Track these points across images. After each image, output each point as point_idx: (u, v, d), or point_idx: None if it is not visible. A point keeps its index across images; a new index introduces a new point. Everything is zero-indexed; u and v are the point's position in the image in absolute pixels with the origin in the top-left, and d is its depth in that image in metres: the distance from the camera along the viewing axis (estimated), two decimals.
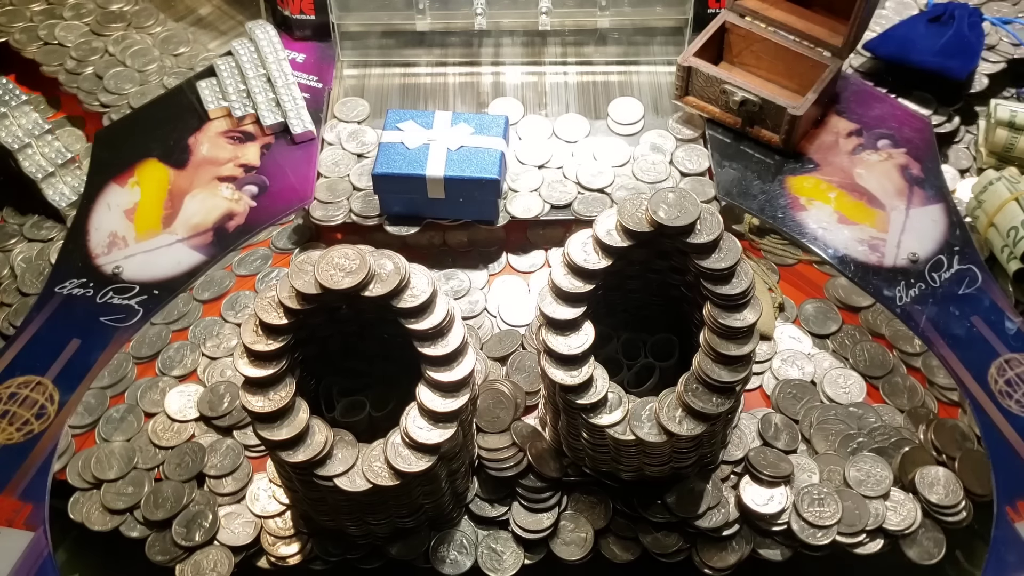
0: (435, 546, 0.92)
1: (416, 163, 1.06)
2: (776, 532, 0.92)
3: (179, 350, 1.05)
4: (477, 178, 1.06)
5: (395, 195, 1.08)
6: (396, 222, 1.09)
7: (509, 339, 1.04)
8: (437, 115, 1.10)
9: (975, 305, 1.00)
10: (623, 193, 1.12)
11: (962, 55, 1.18)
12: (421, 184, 1.06)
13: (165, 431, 0.98)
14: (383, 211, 1.10)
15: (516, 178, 1.13)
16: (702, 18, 1.22)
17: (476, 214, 1.09)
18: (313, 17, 1.25)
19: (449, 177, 1.05)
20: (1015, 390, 0.94)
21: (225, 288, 1.10)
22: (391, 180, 1.06)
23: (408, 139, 1.08)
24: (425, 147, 1.07)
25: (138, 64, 1.27)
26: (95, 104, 1.23)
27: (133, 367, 1.04)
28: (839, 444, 0.97)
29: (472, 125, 1.10)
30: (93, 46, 1.29)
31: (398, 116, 1.11)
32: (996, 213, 1.04)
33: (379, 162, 1.06)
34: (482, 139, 1.08)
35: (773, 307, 1.06)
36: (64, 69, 1.27)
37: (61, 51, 1.29)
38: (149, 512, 0.93)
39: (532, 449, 0.94)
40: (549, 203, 1.11)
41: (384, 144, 1.08)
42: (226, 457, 0.96)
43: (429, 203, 1.07)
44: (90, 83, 1.25)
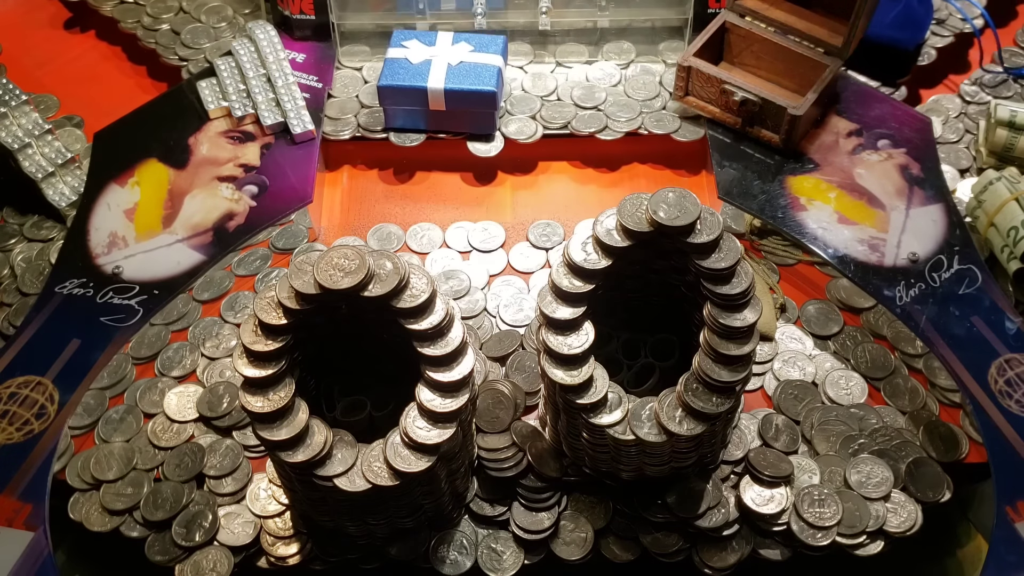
0: (435, 546, 0.92)
1: (419, 76, 1.15)
2: (776, 532, 0.92)
3: (178, 351, 1.05)
4: (476, 90, 1.14)
5: (399, 107, 1.16)
6: (400, 134, 1.18)
7: (509, 339, 1.04)
8: (440, 34, 1.20)
9: (975, 305, 1.00)
10: (614, 109, 1.21)
11: (911, 27, 1.21)
12: (423, 95, 1.14)
13: (164, 432, 0.98)
14: (387, 123, 1.18)
15: (516, 103, 1.22)
16: (702, 18, 1.22)
17: (474, 127, 1.17)
18: (313, 17, 1.25)
19: (449, 89, 1.14)
20: (1015, 390, 0.94)
21: (225, 288, 1.10)
22: (395, 92, 1.15)
23: (412, 55, 1.16)
24: (427, 62, 1.16)
25: (212, 20, 1.33)
26: (173, 58, 1.29)
27: (132, 368, 1.04)
28: (840, 445, 0.97)
29: (472, 43, 1.19)
30: (168, 4, 1.35)
31: (403, 35, 1.20)
32: (996, 213, 1.04)
33: (384, 75, 1.15)
34: (481, 56, 1.18)
35: (774, 308, 1.06)
36: (141, 25, 1.32)
37: (137, 9, 1.34)
38: (149, 512, 0.93)
39: (532, 449, 0.94)
40: (548, 124, 1.19)
41: (389, 59, 1.17)
42: (226, 457, 0.96)
43: (430, 116, 1.16)
44: (167, 38, 1.30)
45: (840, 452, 0.96)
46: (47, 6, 1.40)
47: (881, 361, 1.03)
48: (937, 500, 0.93)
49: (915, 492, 0.94)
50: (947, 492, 0.94)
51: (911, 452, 0.96)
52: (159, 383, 1.02)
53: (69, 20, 1.39)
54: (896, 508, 0.93)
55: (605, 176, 1.23)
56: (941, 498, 0.93)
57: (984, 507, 0.93)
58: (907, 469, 0.95)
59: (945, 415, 0.99)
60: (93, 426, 0.99)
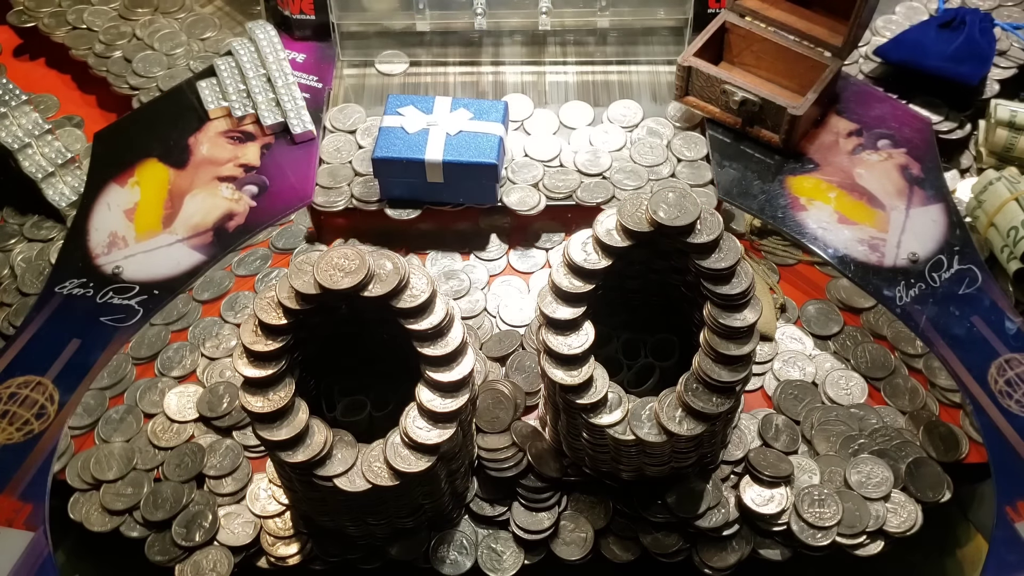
0: (435, 546, 0.92)
1: (415, 147, 1.08)
2: (776, 532, 0.92)
3: (178, 351, 1.05)
4: (476, 163, 1.07)
5: (395, 179, 1.10)
6: (396, 206, 1.11)
7: (509, 339, 1.04)
8: (437, 100, 1.12)
9: (975, 305, 1.00)
10: (621, 176, 1.14)
11: (973, 60, 1.18)
12: (420, 168, 1.08)
13: (164, 432, 0.98)
14: (383, 195, 1.11)
15: (517, 170, 1.15)
16: (702, 18, 1.22)
17: (474, 199, 1.11)
18: (313, 17, 1.25)
19: (448, 161, 1.07)
20: (1015, 390, 0.94)
21: (225, 288, 1.10)
22: (391, 164, 1.08)
23: (408, 124, 1.10)
24: (425, 132, 1.09)
25: (166, 48, 1.30)
26: (124, 87, 1.26)
27: (132, 368, 1.04)
28: (840, 445, 0.97)
29: (471, 110, 1.12)
30: (121, 30, 1.32)
31: (398, 101, 1.13)
32: (996, 213, 1.04)
33: (379, 146, 1.08)
34: (481, 124, 1.10)
35: (775, 308, 1.06)
36: (93, 53, 1.29)
37: (90, 35, 1.31)
38: (149, 513, 0.93)
39: (532, 449, 0.94)
40: (551, 193, 1.13)
41: (384, 128, 1.10)
42: (226, 457, 0.96)
43: (428, 187, 1.09)
44: (119, 66, 1.28)
45: (840, 452, 0.96)
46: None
47: (881, 361, 1.03)
48: (937, 500, 0.93)
49: (915, 492, 0.94)
50: (947, 492, 0.94)
51: (911, 452, 0.96)
52: (159, 383, 1.02)
53: (18, 47, 1.36)
54: (896, 508, 0.93)
55: None
56: (941, 498, 0.93)
57: (984, 507, 0.93)
58: (907, 469, 0.95)
59: (945, 415, 0.99)
60: (93, 426, 0.99)
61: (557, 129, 1.20)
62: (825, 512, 0.91)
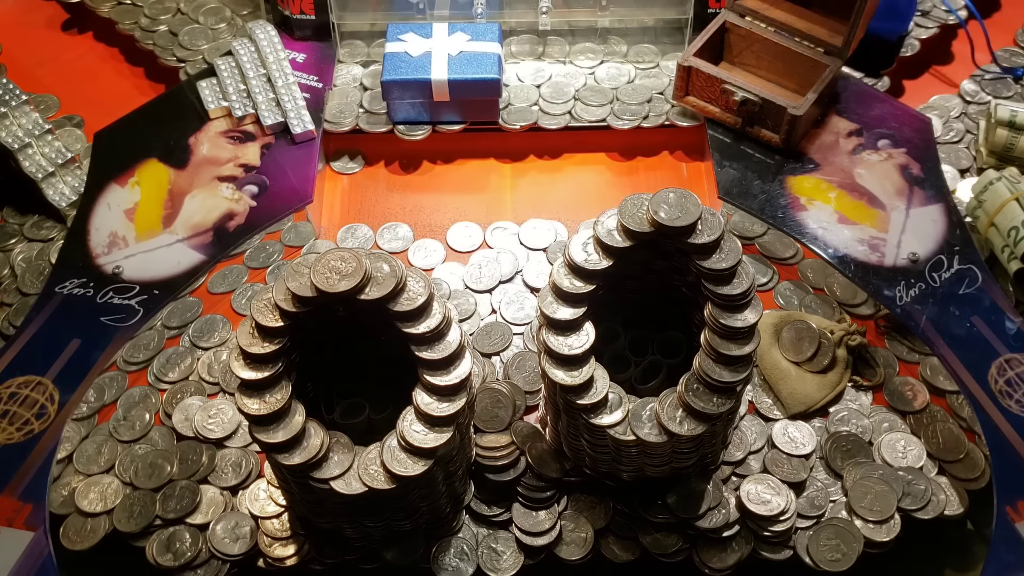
0: (436, 553, 0.91)
1: (421, 68, 1.16)
2: (776, 533, 0.92)
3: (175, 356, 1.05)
4: (479, 79, 1.15)
5: (403, 101, 1.17)
6: (407, 127, 1.19)
7: (497, 331, 1.04)
8: (435, 26, 1.21)
9: (975, 305, 1.00)
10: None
11: (894, 18, 1.21)
12: (427, 88, 1.15)
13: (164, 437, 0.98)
14: (391, 118, 1.19)
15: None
16: (702, 18, 1.22)
17: (478, 115, 1.18)
18: (313, 17, 1.25)
19: (453, 79, 1.15)
20: (1015, 390, 0.94)
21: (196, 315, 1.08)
22: (399, 86, 1.15)
23: (411, 48, 1.17)
24: (428, 54, 1.17)
25: (210, 21, 1.33)
26: (171, 59, 1.29)
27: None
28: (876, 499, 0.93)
29: (468, 32, 1.20)
30: (166, 5, 1.35)
31: (399, 29, 1.21)
32: (996, 213, 1.04)
33: (386, 69, 1.16)
34: (479, 44, 1.19)
35: (841, 361, 1.00)
36: (139, 27, 1.31)
37: (135, 10, 1.34)
38: (149, 513, 0.93)
39: (532, 450, 0.94)
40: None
41: (389, 54, 1.18)
42: (226, 459, 0.96)
43: (434, 107, 1.17)
44: (165, 40, 1.30)
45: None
46: (45, 7, 1.40)
47: (954, 443, 0.97)
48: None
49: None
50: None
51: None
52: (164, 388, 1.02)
53: (67, 21, 1.39)
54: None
55: (608, 170, 1.23)
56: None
57: (984, 507, 0.93)
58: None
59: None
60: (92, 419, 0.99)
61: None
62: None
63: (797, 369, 1.00)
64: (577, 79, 1.25)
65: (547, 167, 1.23)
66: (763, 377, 1.01)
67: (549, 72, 1.25)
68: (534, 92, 1.23)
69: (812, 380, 0.99)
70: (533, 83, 1.24)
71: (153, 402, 1.01)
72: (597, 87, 1.24)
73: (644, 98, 1.22)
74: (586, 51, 1.28)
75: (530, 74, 1.26)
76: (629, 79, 1.24)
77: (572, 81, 1.24)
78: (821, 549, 0.91)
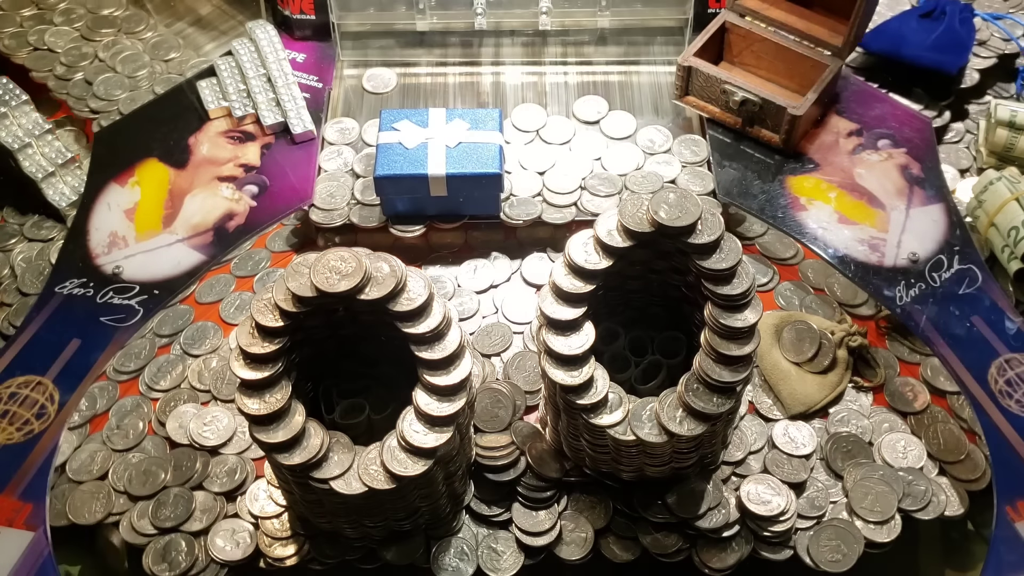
0: (436, 554, 0.91)
1: (417, 163, 1.06)
2: (776, 533, 0.92)
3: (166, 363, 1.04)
4: (479, 174, 1.06)
5: (397, 196, 1.08)
6: (399, 222, 1.09)
7: (498, 332, 1.04)
8: (431, 112, 1.10)
9: (975, 305, 1.00)
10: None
11: (953, 50, 1.20)
12: (423, 183, 1.06)
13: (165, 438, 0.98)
14: (385, 212, 1.10)
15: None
16: (702, 18, 1.22)
17: (478, 209, 1.09)
18: (313, 17, 1.25)
19: (451, 174, 1.05)
20: (1015, 390, 0.94)
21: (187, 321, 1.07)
22: (393, 181, 1.06)
23: (405, 138, 1.08)
24: (424, 146, 1.07)
25: (128, 70, 1.27)
26: (85, 110, 1.23)
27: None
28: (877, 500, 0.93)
29: (467, 120, 1.10)
30: (83, 51, 1.29)
31: (392, 116, 1.10)
32: (996, 213, 1.04)
33: (379, 164, 1.06)
34: (479, 134, 1.09)
35: (842, 362, 1.00)
36: (54, 75, 1.26)
37: (51, 57, 1.28)
38: (148, 513, 0.93)
39: (532, 450, 0.94)
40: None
41: (382, 145, 1.08)
42: (221, 466, 0.96)
43: (431, 201, 1.08)
44: (80, 89, 1.25)
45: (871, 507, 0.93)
46: None
47: (954, 444, 0.97)
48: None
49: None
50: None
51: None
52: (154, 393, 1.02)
53: None
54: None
55: None
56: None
57: (984, 507, 0.93)
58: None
59: None
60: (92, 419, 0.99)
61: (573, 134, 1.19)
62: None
63: (797, 370, 1.00)
64: (584, 165, 1.15)
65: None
66: (763, 377, 1.01)
67: (553, 159, 1.15)
68: (537, 181, 1.14)
69: (812, 381, 0.99)
70: (536, 170, 1.15)
71: (145, 411, 1.00)
72: (605, 175, 1.14)
73: (655, 186, 1.13)
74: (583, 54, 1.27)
75: (533, 159, 1.16)
76: (638, 165, 1.15)
77: (578, 168, 1.15)
78: (821, 549, 0.91)
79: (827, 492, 0.94)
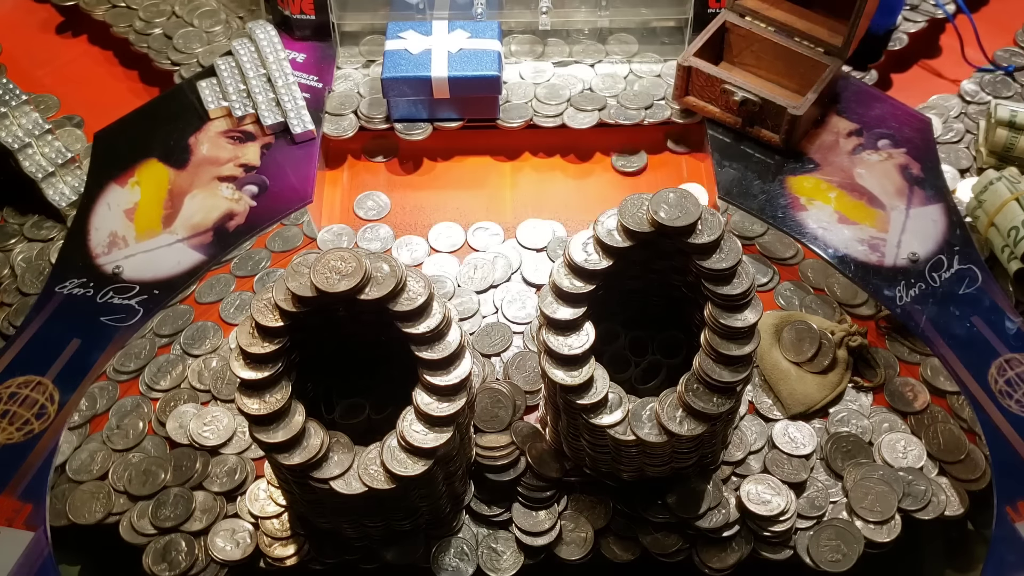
0: (436, 554, 0.91)
1: (421, 66, 1.16)
2: (776, 533, 0.92)
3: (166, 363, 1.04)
4: (479, 76, 1.15)
5: (403, 98, 1.17)
6: (406, 125, 1.19)
7: (498, 332, 1.04)
8: (435, 23, 1.21)
9: (975, 305, 1.00)
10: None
11: (883, 12, 1.20)
12: (427, 85, 1.15)
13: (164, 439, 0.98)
14: (391, 116, 1.19)
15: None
16: (702, 18, 1.22)
17: (478, 111, 1.19)
18: (313, 17, 1.25)
19: (453, 76, 1.15)
20: (1015, 390, 0.94)
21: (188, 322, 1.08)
22: (399, 83, 1.15)
23: (411, 45, 1.17)
24: (427, 51, 1.17)
25: (205, 24, 1.32)
26: (165, 63, 1.29)
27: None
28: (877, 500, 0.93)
29: (468, 30, 1.20)
30: (160, 8, 1.34)
31: (399, 27, 1.20)
32: (996, 213, 1.04)
33: (386, 67, 1.16)
34: (479, 42, 1.19)
35: (842, 362, 1.00)
36: (133, 30, 1.31)
37: (129, 13, 1.34)
38: (148, 513, 0.93)
39: (532, 450, 0.94)
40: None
41: (389, 51, 1.18)
42: (225, 462, 0.96)
43: (434, 104, 1.17)
44: (160, 43, 1.31)
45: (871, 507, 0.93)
46: (39, 9, 1.39)
47: (954, 444, 0.97)
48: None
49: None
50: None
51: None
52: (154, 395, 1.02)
53: (61, 24, 1.38)
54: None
55: (604, 175, 1.22)
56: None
57: (984, 507, 0.93)
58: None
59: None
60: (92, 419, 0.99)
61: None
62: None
63: (797, 370, 1.00)
64: (575, 84, 1.24)
65: (546, 165, 1.23)
66: (763, 377, 1.01)
67: (548, 74, 1.25)
68: (531, 90, 1.23)
69: (812, 381, 0.99)
70: (532, 81, 1.24)
71: (145, 411, 1.00)
72: (592, 95, 1.23)
73: (643, 104, 1.21)
74: (587, 52, 1.28)
75: (530, 73, 1.26)
76: (626, 87, 1.24)
77: (568, 84, 1.24)
78: (821, 550, 0.91)
79: (827, 492, 0.94)
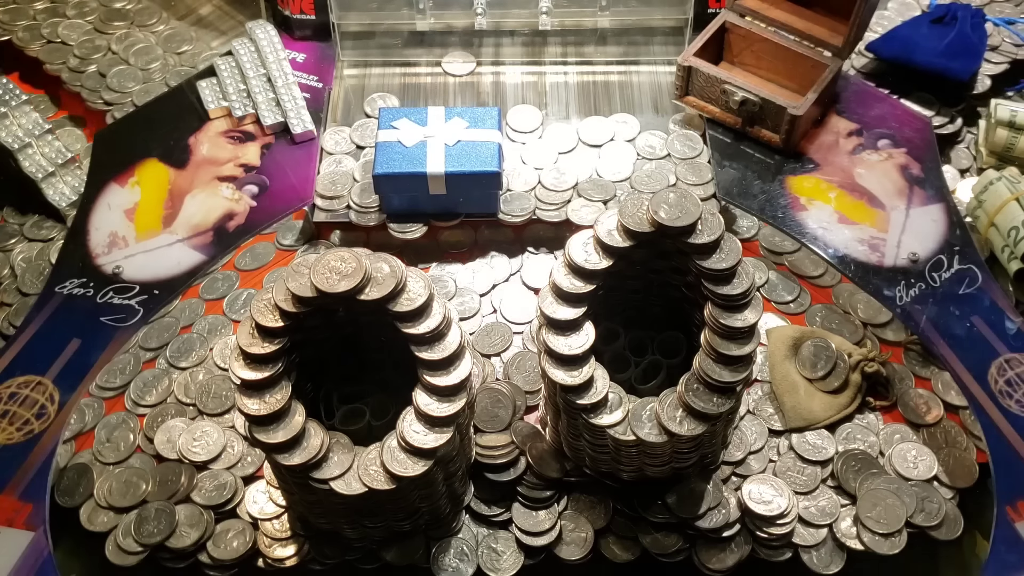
0: (436, 554, 0.91)
1: (416, 161, 1.06)
2: (776, 534, 0.92)
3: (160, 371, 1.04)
4: (478, 172, 1.06)
5: (396, 194, 1.08)
6: (398, 220, 1.09)
7: (498, 332, 1.04)
8: (430, 111, 1.10)
9: (975, 305, 1.00)
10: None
11: (965, 56, 1.19)
12: (422, 181, 1.06)
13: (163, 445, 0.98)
14: (384, 210, 1.10)
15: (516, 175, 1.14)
16: (702, 18, 1.22)
17: (477, 207, 1.10)
18: (313, 17, 1.25)
19: (450, 173, 1.05)
20: (1015, 390, 0.94)
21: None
22: (392, 180, 1.06)
23: (404, 137, 1.08)
24: (423, 144, 1.07)
25: (141, 62, 1.27)
26: (98, 102, 1.23)
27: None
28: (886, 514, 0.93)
29: (466, 119, 1.10)
30: (96, 44, 1.29)
31: (391, 114, 1.10)
32: (997, 213, 1.04)
33: (378, 162, 1.06)
34: (478, 132, 1.08)
35: (853, 385, 0.99)
36: (67, 67, 1.26)
37: (64, 49, 1.28)
38: (147, 516, 0.93)
39: (532, 450, 0.94)
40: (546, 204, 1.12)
41: (381, 144, 1.08)
42: (214, 477, 0.96)
43: (430, 199, 1.08)
44: (93, 81, 1.25)
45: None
46: None
47: (967, 469, 0.96)
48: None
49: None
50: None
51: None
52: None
53: None
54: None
55: None
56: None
57: (984, 507, 0.93)
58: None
59: None
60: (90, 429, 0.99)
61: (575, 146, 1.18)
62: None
63: (807, 385, 0.99)
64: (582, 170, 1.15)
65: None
66: (771, 387, 1.00)
67: (555, 155, 1.16)
68: (534, 176, 1.14)
69: (820, 399, 0.99)
70: (534, 166, 1.15)
71: (132, 426, 0.99)
72: (599, 181, 1.14)
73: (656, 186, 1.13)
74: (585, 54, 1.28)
75: (532, 156, 1.16)
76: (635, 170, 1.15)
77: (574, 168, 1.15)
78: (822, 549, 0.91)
79: (836, 500, 0.94)
